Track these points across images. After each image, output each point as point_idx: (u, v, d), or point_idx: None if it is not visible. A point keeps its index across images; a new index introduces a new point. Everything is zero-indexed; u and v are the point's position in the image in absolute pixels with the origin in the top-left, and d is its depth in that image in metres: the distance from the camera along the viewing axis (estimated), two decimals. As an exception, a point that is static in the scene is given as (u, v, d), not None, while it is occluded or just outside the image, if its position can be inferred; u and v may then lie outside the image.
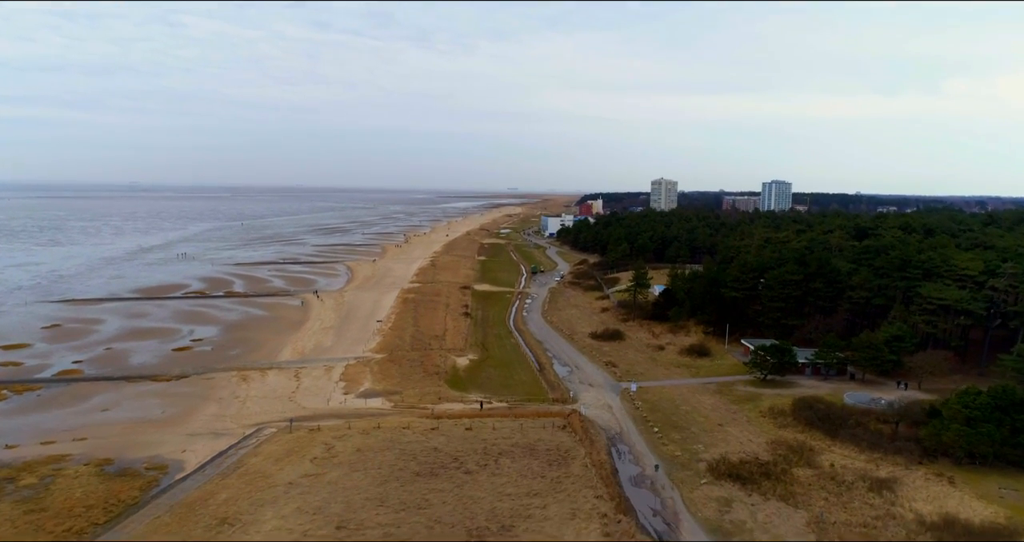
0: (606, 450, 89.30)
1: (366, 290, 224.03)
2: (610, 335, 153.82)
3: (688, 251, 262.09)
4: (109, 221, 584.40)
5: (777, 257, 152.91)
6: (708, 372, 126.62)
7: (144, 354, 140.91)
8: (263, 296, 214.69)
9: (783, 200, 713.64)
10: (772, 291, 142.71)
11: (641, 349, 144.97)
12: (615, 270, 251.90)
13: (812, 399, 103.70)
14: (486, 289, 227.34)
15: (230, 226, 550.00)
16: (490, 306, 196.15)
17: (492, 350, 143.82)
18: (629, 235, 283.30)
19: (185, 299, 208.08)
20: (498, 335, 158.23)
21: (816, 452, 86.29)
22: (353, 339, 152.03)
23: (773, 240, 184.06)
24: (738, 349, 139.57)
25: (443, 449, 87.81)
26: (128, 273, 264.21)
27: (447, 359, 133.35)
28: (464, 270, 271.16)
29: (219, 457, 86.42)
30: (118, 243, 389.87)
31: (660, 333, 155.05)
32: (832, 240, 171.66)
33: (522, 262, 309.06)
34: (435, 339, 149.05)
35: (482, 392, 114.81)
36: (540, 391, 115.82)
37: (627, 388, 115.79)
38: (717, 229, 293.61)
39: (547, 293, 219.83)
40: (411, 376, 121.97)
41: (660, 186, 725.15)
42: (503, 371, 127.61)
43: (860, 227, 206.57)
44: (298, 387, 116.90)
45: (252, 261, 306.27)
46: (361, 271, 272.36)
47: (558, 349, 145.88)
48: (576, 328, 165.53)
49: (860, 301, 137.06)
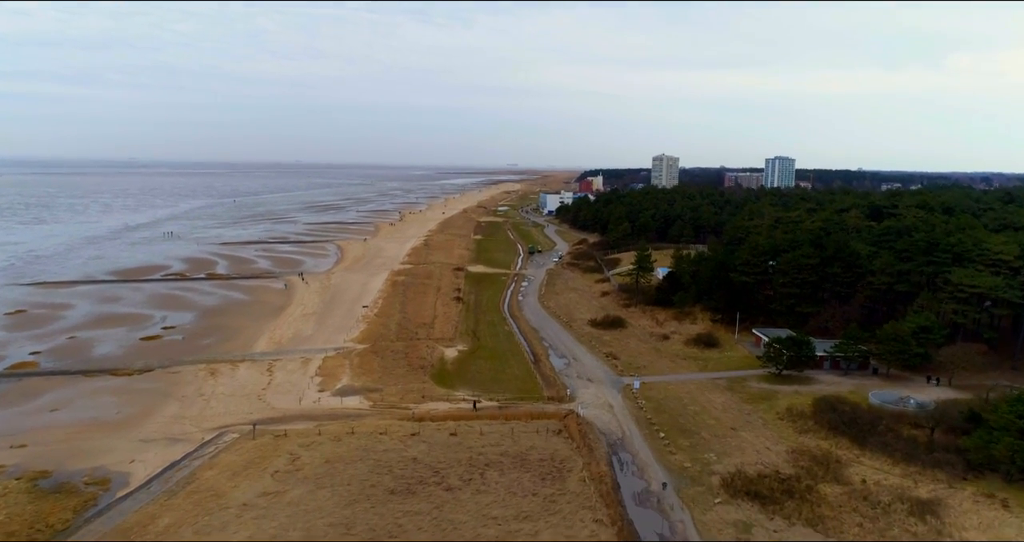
0: (606, 460, 79.50)
1: (355, 272, 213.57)
2: (611, 322, 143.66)
3: (692, 230, 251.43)
4: (99, 198, 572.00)
5: (791, 239, 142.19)
6: (717, 365, 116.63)
7: (109, 344, 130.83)
8: (246, 278, 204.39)
9: (786, 176, 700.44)
10: (785, 276, 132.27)
11: (644, 338, 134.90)
12: (616, 250, 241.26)
13: (834, 399, 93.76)
14: (481, 271, 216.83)
15: (222, 203, 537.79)
16: (484, 289, 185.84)
17: (484, 339, 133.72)
18: (630, 213, 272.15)
19: (163, 282, 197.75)
20: (491, 322, 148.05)
21: (844, 464, 76.45)
22: (335, 327, 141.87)
23: (784, 220, 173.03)
24: (749, 339, 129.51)
25: (423, 460, 77.96)
26: (108, 253, 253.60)
27: (434, 350, 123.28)
28: (458, 250, 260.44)
29: (170, 469, 76.62)
30: (104, 221, 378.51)
31: (664, 320, 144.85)
32: (849, 220, 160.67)
33: (519, 242, 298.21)
34: (423, 327, 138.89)
35: (470, 388, 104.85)
36: (534, 387, 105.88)
37: (629, 384, 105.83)
38: (722, 207, 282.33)
39: (544, 275, 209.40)
40: (394, 370, 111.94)
41: (661, 162, 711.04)
42: (494, 364, 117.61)
43: (875, 206, 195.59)
44: (270, 383, 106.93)
45: (239, 240, 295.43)
46: (351, 251, 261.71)
47: (555, 338, 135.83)
48: (574, 314, 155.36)
49: (881, 287, 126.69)
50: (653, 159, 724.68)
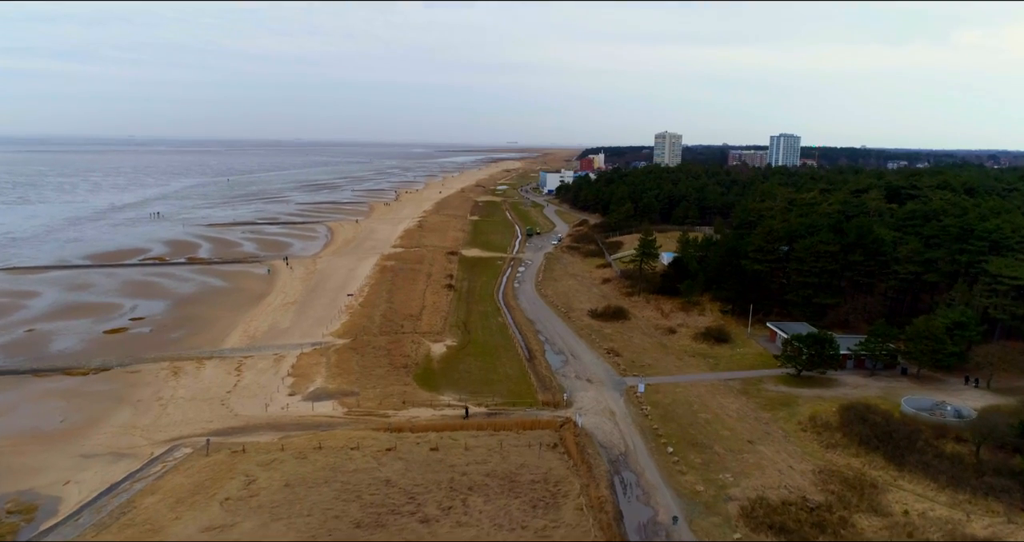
0: (607, 481, 69.68)
1: (343, 255, 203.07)
2: (612, 313, 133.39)
3: (697, 211, 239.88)
4: (90, 176, 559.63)
5: (807, 223, 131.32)
6: (729, 364, 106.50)
7: (69, 338, 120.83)
8: (228, 263, 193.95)
9: (791, 154, 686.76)
10: (803, 264, 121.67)
11: (649, 332, 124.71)
12: (618, 232, 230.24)
13: (862, 407, 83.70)
14: (475, 255, 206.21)
15: (214, 182, 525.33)
16: (478, 275, 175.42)
17: (475, 333, 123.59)
18: (633, 193, 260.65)
19: (140, 267, 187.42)
20: (484, 313, 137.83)
21: (880, 489, 66.56)
22: (315, 319, 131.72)
23: (798, 202, 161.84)
24: (763, 333, 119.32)
25: (397, 482, 68.11)
26: (88, 236, 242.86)
27: (420, 346, 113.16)
28: (453, 232, 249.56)
29: (107, 493, 66.87)
30: (91, 201, 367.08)
31: (670, 311, 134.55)
32: (869, 203, 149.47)
33: (517, 223, 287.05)
34: (409, 319, 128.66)
35: (457, 391, 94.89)
36: (528, 390, 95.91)
37: (633, 387, 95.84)
38: (728, 187, 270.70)
39: (543, 259, 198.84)
40: (374, 370, 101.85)
41: (664, 140, 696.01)
42: (485, 362, 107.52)
43: (892, 186, 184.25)
44: (236, 385, 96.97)
45: (227, 221, 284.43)
46: (342, 233, 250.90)
47: (552, 331, 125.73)
48: (573, 304, 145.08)
49: (907, 277, 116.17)
50: (656, 136, 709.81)
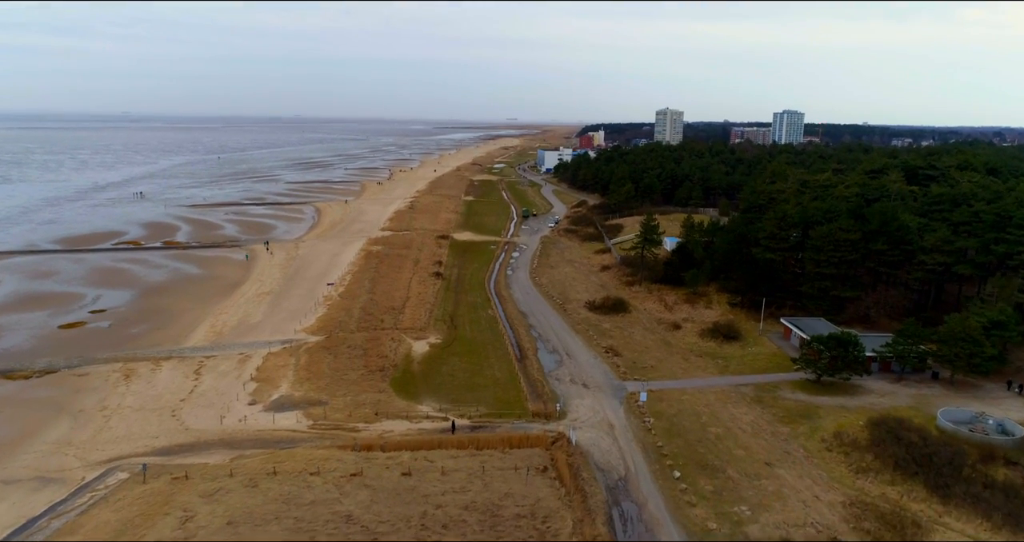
0: (604, 515, 60.06)
1: (328, 239, 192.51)
2: (612, 306, 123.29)
3: (701, 192, 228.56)
4: (78, 154, 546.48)
5: (825, 208, 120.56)
6: (740, 366, 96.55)
7: (20, 333, 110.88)
8: (206, 247, 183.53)
9: (795, 132, 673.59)
10: (819, 253, 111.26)
11: (651, 327, 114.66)
12: (618, 214, 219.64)
13: (894, 421, 73.90)
14: (468, 238, 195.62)
15: (205, 160, 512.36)
16: (469, 261, 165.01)
17: (462, 328, 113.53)
18: (634, 173, 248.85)
19: (112, 251, 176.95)
20: (473, 304, 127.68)
21: (924, 528, 56.89)
22: (290, 311, 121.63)
23: (811, 184, 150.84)
24: (776, 329, 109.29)
25: (360, 518, 58.43)
26: (64, 217, 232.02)
27: (400, 344, 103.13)
28: (446, 214, 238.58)
29: (19, 533, 57.21)
30: (74, 180, 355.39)
31: (674, 303, 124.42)
32: (890, 185, 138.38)
33: (513, 203, 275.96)
34: (391, 312, 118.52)
35: (438, 399, 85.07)
36: (517, 397, 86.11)
37: (635, 393, 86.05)
38: (733, 166, 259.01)
39: (538, 243, 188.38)
40: (347, 373, 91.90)
41: (665, 117, 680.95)
42: (471, 363, 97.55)
43: (910, 166, 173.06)
44: (192, 391, 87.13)
45: (212, 202, 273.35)
46: (329, 214, 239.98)
47: (546, 325, 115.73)
48: (570, 294, 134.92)
49: (936, 268, 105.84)
50: (656, 113, 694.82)
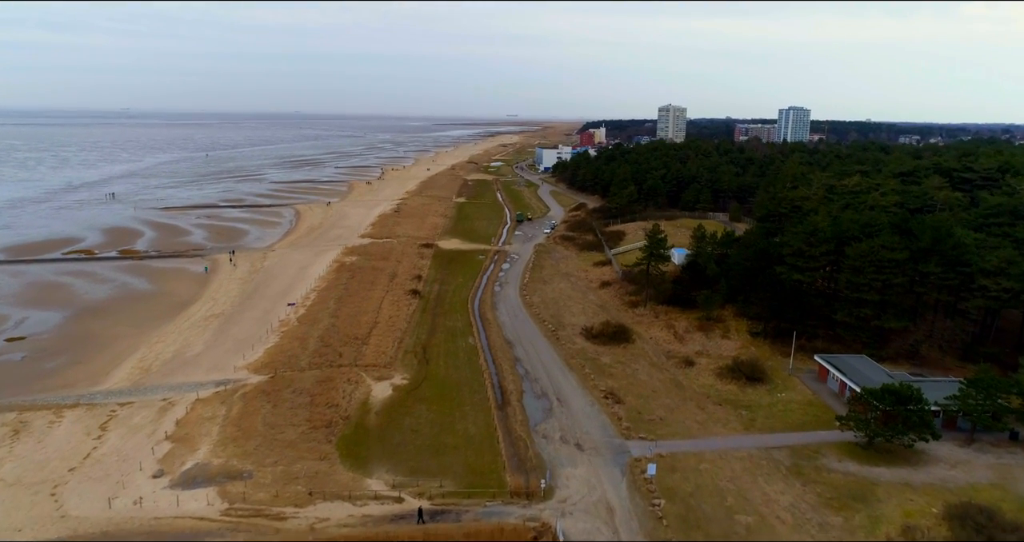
0: None
1: (300, 248, 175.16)
2: (612, 334, 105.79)
3: (710, 195, 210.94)
4: (61, 152, 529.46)
5: (863, 222, 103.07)
6: (769, 419, 79.11)
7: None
8: (165, 257, 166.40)
9: (801, 129, 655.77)
10: (858, 275, 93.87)
11: (659, 362, 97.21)
12: (619, 219, 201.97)
13: (979, 512, 56.57)
14: (454, 247, 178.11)
15: (192, 158, 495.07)
16: (453, 275, 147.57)
17: (435, 362, 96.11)
18: (636, 174, 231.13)
19: (59, 262, 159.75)
20: (451, 330, 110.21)
21: None
22: (237, 340, 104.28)
23: (839, 190, 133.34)
24: (807, 366, 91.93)
25: None
26: (21, 221, 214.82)
27: (358, 387, 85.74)
28: (433, 218, 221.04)
29: None
30: (48, 179, 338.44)
31: (685, 331, 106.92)
32: (933, 192, 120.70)
33: (508, 205, 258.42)
34: (353, 343, 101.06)
35: (393, 468, 67.66)
36: (494, 463, 68.79)
37: (640, 459, 68.78)
38: (744, 167, 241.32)
39: (532, 252, 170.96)
40: (284, 431, 74.53)
41: (668, 113, 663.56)
42: (441, 412, 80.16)
43: (944, 168, 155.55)
44: (89, 455, 69.86)
45: (186, 204, 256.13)
46: (308, 218, 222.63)
47: (535, 358, 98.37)
48: (564, 317, 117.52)
49: (1001, 296, 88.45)
50: (659, 110, 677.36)
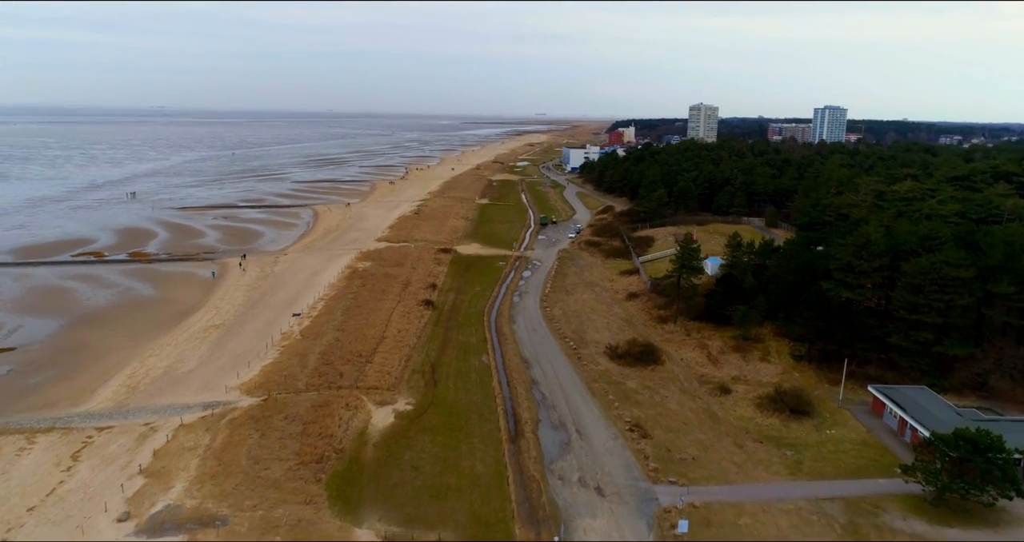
0: None
1: (314, 252, 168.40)
2: (639, 353, 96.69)
3: (744, 198, 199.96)
4: (91, 150, 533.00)
5: (922, 233, 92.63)
6: (819, 462, 69.40)
7: None
8: (175, 260, 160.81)
9: (837, 128, 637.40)
10: (918, 295, 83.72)
11: (691, 388, 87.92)
12: (648, 223, 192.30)
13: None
14: (473, 252, 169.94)
15: (218, 156, 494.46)
16: (470, 283, 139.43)
17: (444, 384, 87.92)
18: (666, 175, 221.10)
19: (67, 265, 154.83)
20: (464, 347, 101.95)
21: None
22: (234, 355, 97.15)
23: (889, 196, 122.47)
24: (860, 398, 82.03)
25: None
26: (38, 221, 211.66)
27: (357, 414, 77.88)
28: (454, 220, 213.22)
29: None
30: (72, 177, 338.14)
31: (720, 352, 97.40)
32: (998, 200, 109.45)
33: (532, 207, 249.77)
34: (357, 361, 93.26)
35: (386, 513, 59.46)
36: (501, 511, 60.35)
37: (669, 510, 59.85)
38: (780, 169, 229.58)
39: (555, 259, 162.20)
40: (270, 466, 66.82)
41: (699, 112, 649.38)
42: (447, 445, 71.91)
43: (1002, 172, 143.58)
44: (54, 492, 62.83)
45: (205, 203, 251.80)
46: (326, 220, 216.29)
47: (554, 381, 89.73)
48: (587, 332, 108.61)
49: (1085, 320, 77.77)
50: (690, 109, 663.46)
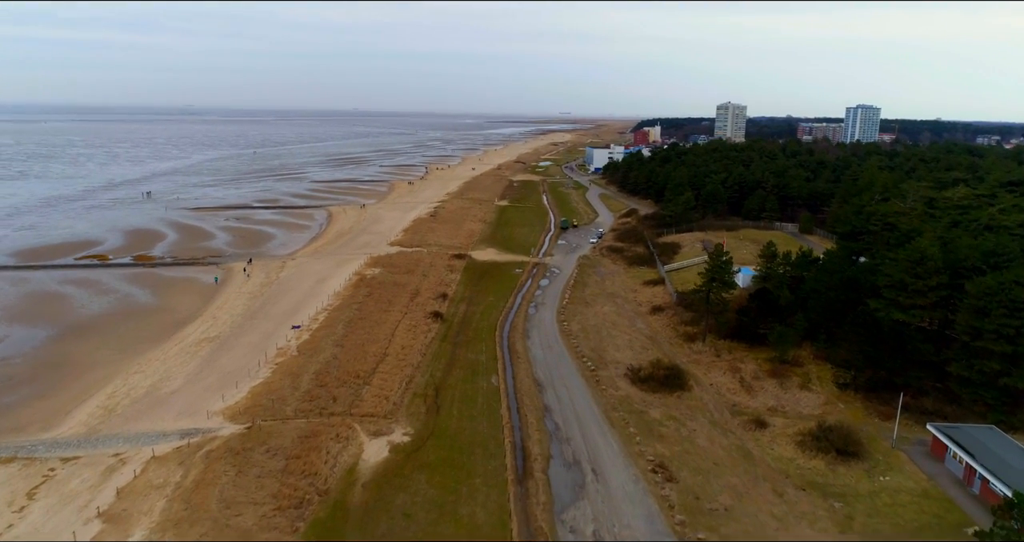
0: None
1: (323, 256, 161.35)
2: (664, 377, 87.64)
3: (777, 202, 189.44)
4: (115, 148, 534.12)
5: (986, 248, 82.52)
6: (872, 517, 59.87)
7: None
8: (180, 265, 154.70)
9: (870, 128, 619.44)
10: (982, 319, 73.78)
11: (722, 421, 78.70)
12: (674, 228, 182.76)
13: None
14: (489, 258, 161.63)
15: (239, 155, 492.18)
16: (484, 292, 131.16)
17: (447, 411, 79.70)
18: (694, 178, 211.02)
19: (68, 268, 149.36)
20: (472, 366, 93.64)
21: None
22: (223, 373, 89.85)
23: (941, 204, 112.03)
24: (916, 436, 72.29)
25: None
26: (48, 222, 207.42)
27: (348, 446, 69.93)
28: (471, 223, 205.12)
29: None
30: (92, 176, 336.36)
31: (754, 377, 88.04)
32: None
33: (553, 209, 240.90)
34: (353, 382, 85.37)
35: (372, 576, 51.47)
36: (502, 574, 51.94)
37: (698, 578, 51.03)
38: (814, 171, 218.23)
39: (575, 266, 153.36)
40: (243, 511, 59.03)
41: (726, 111, 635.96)
42: (445, 487, 63.58)
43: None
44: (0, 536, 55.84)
45: (220, 203, 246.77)
46: (339, 223, 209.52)
47: (569, 408, 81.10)
48: (607, 351, 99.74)
49: None
50: (717, 108, 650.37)
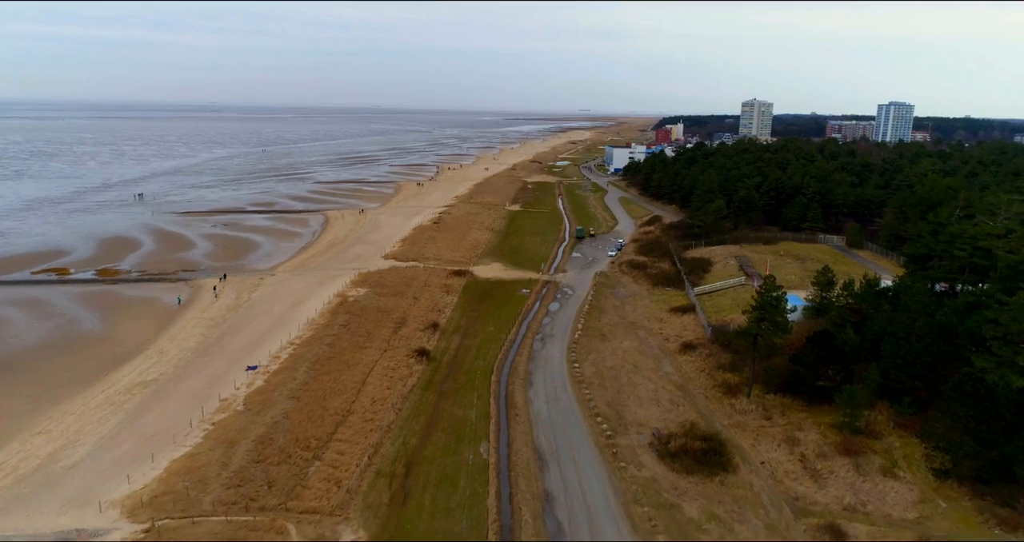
0: None
1: (306, 272, 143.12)
2: (701, 452, 67.78)
3: (820, 211, 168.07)
4: (123, 145, 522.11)
5: None
6: None
7: None
8: (144, 281, 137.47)
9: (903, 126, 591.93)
10: None
11: (781, 525, 58.56)
12: (703, 240, 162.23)
13: None
14: (493, 275, 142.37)
15: (247, 154, 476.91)
16: (482, 322, 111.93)
17: (417, 501, 60.53)
18: (724, 182, 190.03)
19: (19, 285, 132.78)
20: (457, 427, 74.49)
21: None
22: (143, 438, 71.52)
23: None
24: (1060, 562, 52.19)
25: None
26: (20, 229, 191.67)
27: (271, 566, 51.20)
28: (477, 232, 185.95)
29: None
30: (88, 175, 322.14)
31: (818, 453, 67.85)
32: None
33: (568, 216, 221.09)
34: (303, 454, 66.56)
35: None
36: None
37: None
38: (860, 175, 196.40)
39: (590, 285, 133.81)
40: None
41: (752, 109, 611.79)
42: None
43: None
44: None
45: (213, 207, 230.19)
46: (334, 230, 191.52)
47: (577, 499, 61.80)
48: (628, 406, 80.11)
49: None
50: (743, 105, 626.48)
